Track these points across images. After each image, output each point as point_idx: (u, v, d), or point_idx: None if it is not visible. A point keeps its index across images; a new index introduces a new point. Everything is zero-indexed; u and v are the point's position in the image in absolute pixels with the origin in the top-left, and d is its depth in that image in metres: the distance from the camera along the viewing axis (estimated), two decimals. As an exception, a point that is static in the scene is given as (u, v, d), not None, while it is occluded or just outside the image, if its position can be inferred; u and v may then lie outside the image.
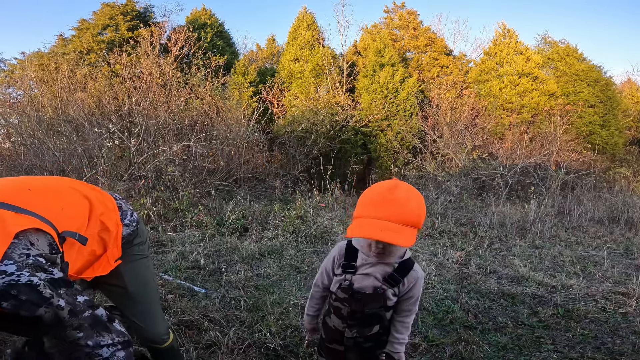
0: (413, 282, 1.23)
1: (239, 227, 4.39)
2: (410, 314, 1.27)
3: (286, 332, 2.16)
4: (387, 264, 1.23)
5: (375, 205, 1.09)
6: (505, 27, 10.30)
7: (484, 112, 9.46)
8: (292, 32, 10.50)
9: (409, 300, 1.25)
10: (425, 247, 4.01)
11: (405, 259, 1.25)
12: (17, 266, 0.96)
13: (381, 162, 9.21)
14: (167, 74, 7.25)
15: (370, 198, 1.12)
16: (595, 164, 8.99)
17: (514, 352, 2.07)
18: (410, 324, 1.30)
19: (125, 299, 1.41)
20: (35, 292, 0.97)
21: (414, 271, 1.24)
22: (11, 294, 0.94)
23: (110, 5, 9.53)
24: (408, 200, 1.09)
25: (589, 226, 5.16)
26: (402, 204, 1.07)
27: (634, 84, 14.34)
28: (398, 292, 1.24)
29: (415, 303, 1.27)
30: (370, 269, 1.23)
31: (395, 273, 1.22)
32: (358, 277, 1.24)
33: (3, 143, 6.52)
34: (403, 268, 1.23)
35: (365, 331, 1.27)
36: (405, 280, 1.23)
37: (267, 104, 9.20)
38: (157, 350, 1.55)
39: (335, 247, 1.34)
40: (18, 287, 0.94)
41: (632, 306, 2.58)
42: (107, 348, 1.06)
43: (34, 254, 1.00)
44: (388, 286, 1.22)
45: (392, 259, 1.22)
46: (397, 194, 1.08)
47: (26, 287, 0.95)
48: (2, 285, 0.93)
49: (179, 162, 5.98)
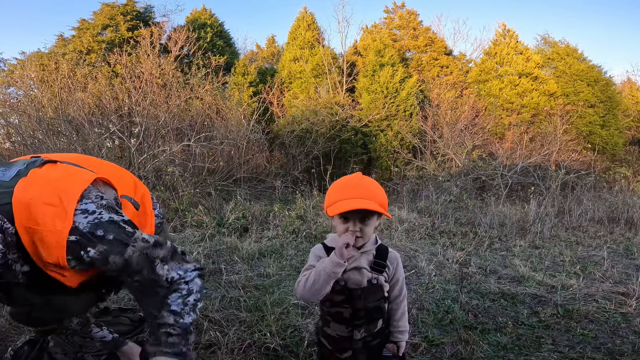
0: (395, 262, 1.31)
1: (239, 227, 4.39)
2: (402, 298, 1.34)
3: (286, 332, 2.16)
4: (367, 253, 1.29)
5: (349, 188, 1.22)
6: (505, 27, 10.30)
7: (484, 112, 9.46)
8: (292, 32, 10.50)
9: (397, 283, 1.32)
10: (425, 247, 4.01)
11: (379, 244, 1.32)
12: (95, 205, 0.98)
13: (381, 162, 9.22)
14: (167, 74, 7.25)
15: (343, 184, 1.25)
16: (595, 164, 8.99)
17: (514, 352, 2.07)
18: (405, 310, 1.35)
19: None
20: (119, 227, 0.99)
21: (390, 252, 1.32)
22: (98, 235, 0.95)
23: (110, 5, 9.53)
24: (374, 184, 1.26)
25: (589, 226, 5.16)
26: (370, 187, 1.23)
27: (634, 84, 14.35)
28: (388, 278, 1.30)
29: (403, 286, 1.34)
30: (356, 262, 1.27)
31: (377, 259, 1.29)
32: (349, 273, 1.25)
33: (3, 143, 6.52)
34: (381, 253, 1.31)
35: (371, 328, 1.29)
36: (388, 263, 1.30)
37: (267, 104, 9.20)
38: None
39: (314, 249, 1.31)
40: (103, 226, 0.95)
41: (632, 306, 2.58)
42: (189, 273, 1.10)
43: (106, 198, 1.05)
44: (378, 274, 1.27)
45: (366, 240, 1.26)
46: (365, 180, 1.26)
47: (110, 224, 0.97)
48: (88, 226, 0.94)
49: (179, 162, 5.97)
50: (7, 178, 0.97)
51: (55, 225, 0.90)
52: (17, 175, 0.98)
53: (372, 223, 1.24)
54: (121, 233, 0.98)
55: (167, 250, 1.08)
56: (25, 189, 0.94)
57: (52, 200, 0.93)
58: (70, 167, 1.09)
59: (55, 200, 0.93)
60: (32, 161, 1.06)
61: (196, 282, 1.11)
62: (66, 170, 1.06)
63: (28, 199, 0.92)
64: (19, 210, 0.91)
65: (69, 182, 0.99)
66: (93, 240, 0.94)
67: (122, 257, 0.98)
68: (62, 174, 1.02)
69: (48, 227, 0.90)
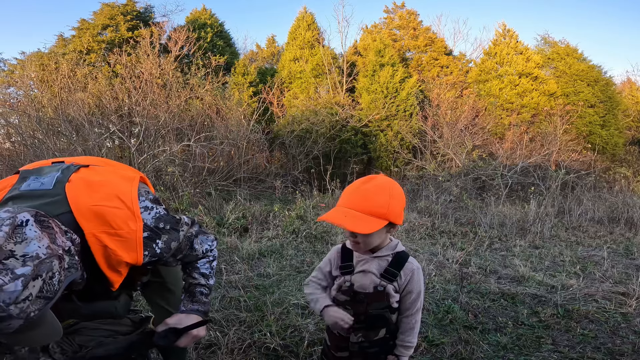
0: (410, 274, 1.23)
1: (239, 227, 4.39)
2: (413, 312, 1.25)
3: (286, 332, 2.16)
4: (381, 258, 1.24)
5: (347, 194, 1.18)
6: (505, 27, 10.30)
7: (484, 112, 9.45)
8: (292, 32, 10.50)
9: (409, 295, 1.24)
10: (425, 247, 4.01)
11: (399, 251, 1.25)
12: (149, 201, 1.05)
13: (381, 162, 9.21)
14: (167, 74, 7.25)
15: (347, 188, 1.21)
16: (595, 164, 8.98)
17: (514, 352, 2.07)
18: (415, 325, 1.26)
19: (164, 292, 1.44)
20: (172, 217, 1.09)
21: (409, 263, 1.24)
22: (160, 227, 1.04)
23: (110, 5, 9.54)
24: (377, 192, 1.14)
25: (589, 226, 5.16)
26: (368, 195, 1.14)
27: (634, 84, 14.33)
28: (398, 288, 1.23)
29: (417, 299, 1.24)
30: (365, 265, 1.24)
31: (390, 267, 1.22)
32: (357, 276, 1.24)
33: (3, 143, 6.52)
34: (398, 261, 1.23)
35: (370, 335, 1.25)
36: (401, 273, 1.22)
37: (267, 104, 9.20)
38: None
39: (332, 250, 1.35)
40: (162, 218, 1.05)
41: (632, 306, 2.58)
42: (213, 242, 1.26)
43: (151, 193, 1.11)
44: (387, 282, 1.22)
45: (369, 247, 1.22)
46: (368, 185, 1.16)
47: (165, 216, 1.06)
48: (153, 221, 1.02)
49: (179, 162, 5.97)
50: (48, 186, 0.95)
51: (130, 226, 0.95)
52: (58, 182, 0.96)
53: (373, 233, 1.17)
54: (173, 221, 1.08)
55: (196, 226, 1.21)
56: (81, 195, 0.94)
57: (116, 203, 0.96)
58: (109, 169, 1.11)
59: (118, 203, 0.96)
60: (66, 167, 1.03)
61: (216, 249, 1.29)
62: (107, 172, 1.08)
63: (92, 205, 0.92)
64: (87, 217, 0.91)
65: (121, 184, 1.02)
66: (159, 232, 1.02)
67: (178, 242, 1.09)
68: (107, 177, 1.04)
69: (124, 229, 0.94)
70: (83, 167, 1.06)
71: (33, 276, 0.70)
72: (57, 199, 0.92)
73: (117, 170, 1.11)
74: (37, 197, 0.92)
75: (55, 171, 1.00)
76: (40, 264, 0.72)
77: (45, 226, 0.78)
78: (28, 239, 0.73)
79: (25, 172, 1.02)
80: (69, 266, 0.82)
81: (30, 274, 0.69)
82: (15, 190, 0.95)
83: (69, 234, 0.86)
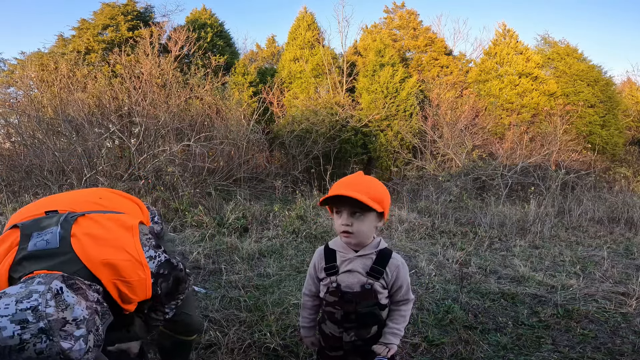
0: (395, 270, 1.25)
1: (239, 227, 4.39)
2: (404, 302, 1.28)
3: (286, 332, 2.16)
4: (365, 257, 1.25)
5: (344, 183, 1.23)
6: (506, 27, 10.30)
7: (484, 112, 9.45)
8: (292, 32, 10.50)
9: (400, 290, 1.26)
10: (425, 247, 4.01)
11: (382, 248, 1.27)
12: (153, 251, 1.18)
13: (381, 162, 9.21)
14: (167, 74, 7.25)
15: (340, 181, 1.26)
16: (595, 164, 8.98)
17: (514, 352, 2.07)
18: (407, 314, 1.29)
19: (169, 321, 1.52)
20: (169, 262, 1.23)
21: (393, 259, 1.26)
22: (161, 273, 1.18)
23: (111, 5, 9.53)
24: (375, 181, 1.25)
25: (589, 226, 5.15)
26: (370, 184, 1.22)
27: (634, 84, 14.33)
28: (386, 285, 1.25)
29: (408, 292, 1.28)
30: (350, 264, 1.25)
31: (375, 265, 1.24)
32: (342, 276, 1.25)
33: (3, 143, 6.52)
34: (382, 258, 1.25)
35: (363, 333, 1.26)
36: (387, 270, 1.24)
37: (267, 104, 9.20)
38: (182, 342, 1.64)
39: (315, 253, 1.36)
40: (163, 266, 1.19)
41: (632, 306, 2.58)
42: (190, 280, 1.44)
43: (150, 237, 1.22)
44: (373, 280, 1.23)
45: (360, 239, 1.23)
46: (364, 177, 1.24)
47: (165, 262, 1.20)
48: (155, 268, 1.16)
49: (179, 162, 5.97)
50: (54, 244, 1.03)
51: (139, 275, 1.10)
52: (63, 239, 1.04)
53: (366, 220, 1.20)
54: (171, 267, 1.23)
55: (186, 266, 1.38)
56: (89, 251, 1.05)
57: (124, 256, 1.08)
58: (107, 217, 1.18)
59: (126, 255, 1.09)
60: (64, 219, 1.10)
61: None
62: (107, 223, 1.15)
63: (103, 259, 1.04)
64: (102, 270, 1.04)
65: (124, 237, 1.13)
66: (161, 277, 1.18)
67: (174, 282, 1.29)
68: (109, 230, 1.13)
69: (135, 278, 1.09)
70: (80, 217, 1.12)
71: (87, 334, 0.90)
72: (68, 257, 1.02)
73: (115, 220, 1.18)
74: (48, 256, 1.01)
75: (54, 225, 1.07)
76: (88, 323, 0.91)
77: (75, 288, 0.95)
78: (70, 305, 0.90)
79: (24, 227, 1.08)
80: (103, 314, 1.00)
81: (85, 333, 0.90)
82: (24, 251, 1.02)
83: (93, 286, 1.01)
